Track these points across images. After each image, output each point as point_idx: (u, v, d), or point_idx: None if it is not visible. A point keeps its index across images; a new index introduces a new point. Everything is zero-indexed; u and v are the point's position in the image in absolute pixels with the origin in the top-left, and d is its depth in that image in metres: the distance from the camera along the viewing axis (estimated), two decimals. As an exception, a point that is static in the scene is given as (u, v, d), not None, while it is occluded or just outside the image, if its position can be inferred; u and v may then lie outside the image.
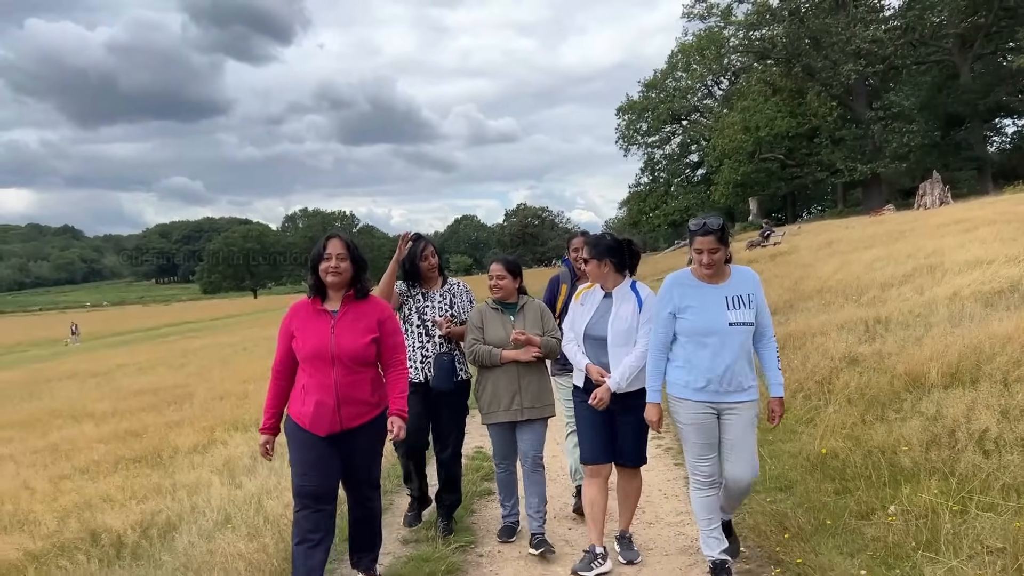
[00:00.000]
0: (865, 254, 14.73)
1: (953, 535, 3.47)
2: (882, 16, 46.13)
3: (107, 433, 9.15)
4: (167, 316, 71.55)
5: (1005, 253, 10.11)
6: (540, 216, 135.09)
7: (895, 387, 5.71)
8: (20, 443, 9.39)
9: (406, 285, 4.85)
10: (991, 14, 42.07)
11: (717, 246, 3.70)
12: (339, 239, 3.72)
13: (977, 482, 3.90)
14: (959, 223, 17.34)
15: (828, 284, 11.85)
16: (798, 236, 30.14)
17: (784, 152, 47.05)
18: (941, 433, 4.60)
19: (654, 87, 58.10)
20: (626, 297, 4.12)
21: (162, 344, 33.22)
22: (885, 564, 3.49)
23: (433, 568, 4.21)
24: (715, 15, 50.14)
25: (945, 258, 11.12)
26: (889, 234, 19.28)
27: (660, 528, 4.73)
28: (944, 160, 45.13)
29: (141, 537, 4.82)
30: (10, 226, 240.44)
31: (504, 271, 4.60)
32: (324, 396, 3.60)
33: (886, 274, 11.20)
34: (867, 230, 23.15)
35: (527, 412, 4.49)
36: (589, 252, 4.18)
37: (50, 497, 6.08)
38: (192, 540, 4.55)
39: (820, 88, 45.87)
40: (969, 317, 7.24)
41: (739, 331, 3.74)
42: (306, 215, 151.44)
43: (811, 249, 20.54)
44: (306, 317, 3.72)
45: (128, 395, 13.83)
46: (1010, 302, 7.54)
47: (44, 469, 7.36)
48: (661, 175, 60.56)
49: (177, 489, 5.92)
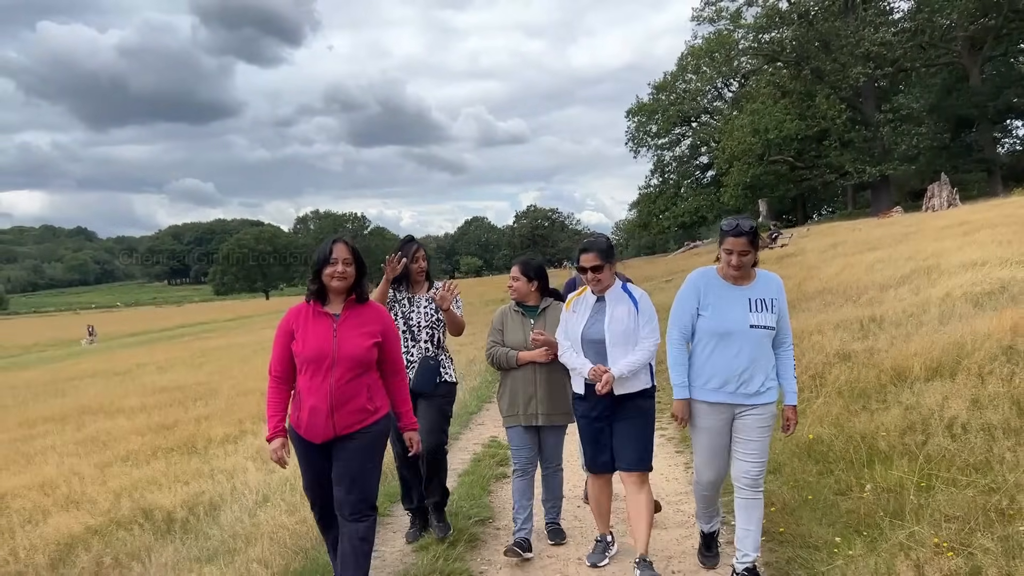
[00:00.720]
0: (868, 256, 15.10)
1: (917, 506, 3.92)
2: (891, 19, 46.33)
3: (140, 426, 9.64)
4: (181, 317, 72.26)
5: (999, 255, 10.50)
6: (550, 218, 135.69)
7: (881, 380, 6.13)
8: (59, 435, 9.88)
9: (392, 290, 4.79)
10: (1000, 16, 42.21)
11: (748, 248, 3.72)
12: (344, 244, 3.68)
13: (943, 462, 4.33)
14: (962, 225, 17.66)
15: (830, 285, 12.24)
16: (806, 238, 30.42)
17: (793, 154, 47.26)
18: (917, 420, 5.03)
19: (664, 89, 58.38)
20: (620, 298, 4.11)
21: (178, 344, 33.65)
22: (856, 531, 3.94)
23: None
24: (724, 18, 50.47)
25: (942, 260, 11.50)
26: (893, 236, 19.62)
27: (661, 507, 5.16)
28: (953, 162, 45.33)
29: (189, 514, 5.31)
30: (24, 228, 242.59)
31: (519, 273, 4.55)
32: (318, 401, 3.55)
33: (885, 275, 11.60)
34: (873, 232, 23.47)
35: (542, 418, 4.45)
36: (598, 258, 4.09)
37: (98, 481, 6.57)
38: (237, 516, 5.03)
39: (829, 91, 46.08)
40: (958, 316, 7.65)
41: (759, 334, 3.75)
42: (318, 217, 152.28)
43: (817, 251, 20.88)
44: (307, 320, 3.66)
45: (153, 392, 14.27)
46: (998, 302, 7.93)
47: (87, 457, 7.86)
48: (671, 177, 60.81)
49: (215, 473, 6.40)
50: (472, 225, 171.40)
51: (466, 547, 4.60)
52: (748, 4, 48.93)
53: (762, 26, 47.59)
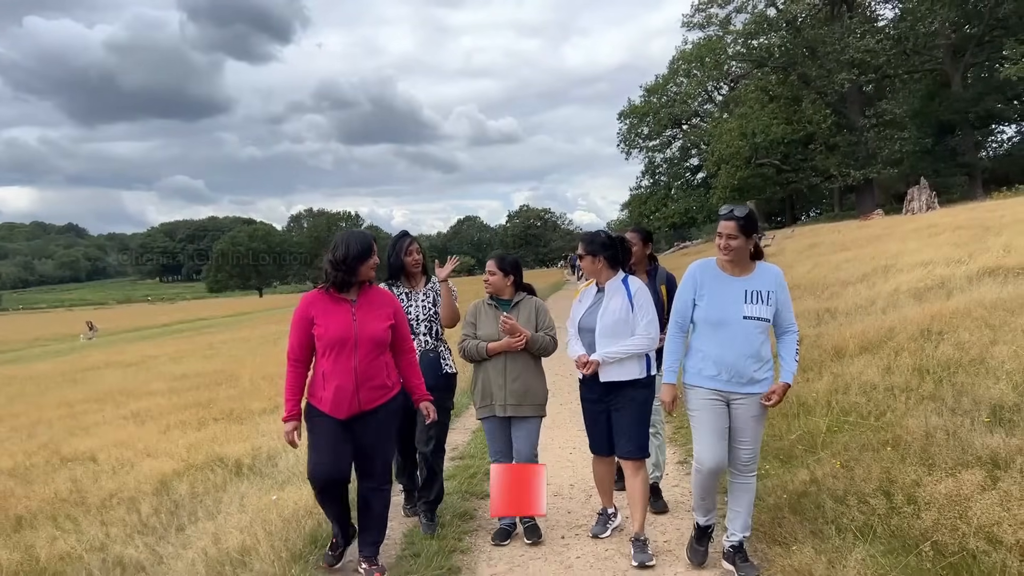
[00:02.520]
0: (838, 256, 16.34)
1: (827, 442, 5.13)
2: (876, 27, 47.68)
3: (178, 404, 10.70)
4: (179, 313, 72.91)
5: (949, 256, 11.71)
6: (543, 217, 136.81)
7: (822, 357, 7.35)
8: (103, 413, 10.93)
9: (388, 285, 4.93)
10: (982, 25, 43.63)
11: (736, 233, 3.80)
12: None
13: (853, 412, 5.54)
14: (930, 228, 18.73)
15: (800, 282, 13.44)
16: (790, 239, 31.58)
17: (780, 158, 48.56)
18: (840, 384, 6.24)
19: (655, 92, 59.46)
20: (617, 291, 4.27)
21: (183, 338, 34.12)
22: (781, 462, 5.14)
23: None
24: (714, 24, 51.67)
25: (900, 260, 12.72)
26: (867, 238, 20.75)
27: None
28: (936, 166, 46.77)
29: (253, 461, 6.45)
30: (15, 224, 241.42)
31: (495, 267, 4.66)
32: (344, 380, 3.86)
33: (848, 273, 12.83)
34: (852, 234, 24.51)
35: (511, 409, 4.53)
36: (584, 248, 4.37)
37: (165, 441, 7.70)
38: (293, 462, 6.17)
39: (815, 96, 47.37)
40: (899, 307, 8.85)
41: (753, 325, 3.82)
42: (311, 215, 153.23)
43: (796, 251, 22.10)
44: (326, 305, 3.95)
45: (175, 379, 14.91)
46: (935, 296, 9.14)
47: (142, 427, 8.97)
48: (662, 178, 61.98)
49: (261, 436, 7.54)
50: (465, 224, 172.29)
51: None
52: (737, 11, 50.19)
53: (751, 32, 48.82)
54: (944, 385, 5.53)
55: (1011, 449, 4.12)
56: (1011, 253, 10.73)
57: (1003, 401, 4.86)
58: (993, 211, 21.11)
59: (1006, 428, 4.49)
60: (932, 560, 3.38)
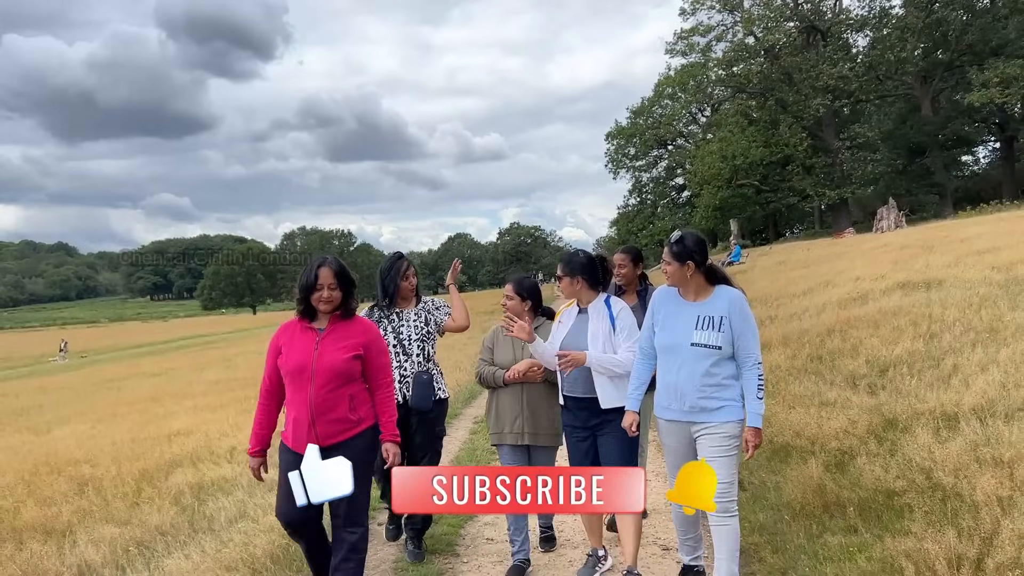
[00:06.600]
0: (797, 272, 18.46)
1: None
2: (850, 54, 50.32)
3: (230, 400, 12.51)
4: (178, 330, 73.25)
5: (877, 272, 13.82)
6: (533, 235, 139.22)
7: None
8: (164, 407, 12.74)
9: (378, 308, 4.87)
10: (950, 51, 46.20)
11: (669, 260, 3.78)
12: (329, 268, 3.74)
13: (790, 396, 7.48)
14: (884, 247, 20.32)
15: (757, 295, 15.42)
16: (766, 256, 33.53)
17: (759, 179, 50.96)
18: (768, 372, 8.34)
19: (641, 114, 61.67)
20: (600, 313, 4.17)
21: (193, 352, 34.98)
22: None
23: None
24: (696, 51, 54.12)
25: (841, 276, 14.84)
26: (829, 256, 22.48)
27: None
28: (908, 186, 49.37)
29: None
30: (3, 243, 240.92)
31: (512, 292, 4.49)
32: (300, 413, 3.66)
33: (798, 287, 14.94)
34: (819, 251, 26.24)
35: (528, 437, 4.43)
36: (562, 269, 4.26)
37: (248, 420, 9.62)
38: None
39: (792, 120, 49.74)
40: (823, 314, 10.98)
41: (700, 352, 3.69)
42: (304, 233, 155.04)
43: (765, 268, 24.10)
44: (293, 335, 3.80)
45: (209, 384, 16.11)
46: (855, 305, 11.24)
47: (215, 413, 10.88)
48: (648, 197, 64.27)
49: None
50: (455, 241, 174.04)
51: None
52: (717, 40, 52.71)
53: (731, 60, 51.35)
54: (824, 364, 7.68)
55: (838, 396, 6.32)
56: (928, 269, 12.83)
57: (856, 372, 7.04)
58: (942, 231, 22.50)
59: (851, 387, 6.64)
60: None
